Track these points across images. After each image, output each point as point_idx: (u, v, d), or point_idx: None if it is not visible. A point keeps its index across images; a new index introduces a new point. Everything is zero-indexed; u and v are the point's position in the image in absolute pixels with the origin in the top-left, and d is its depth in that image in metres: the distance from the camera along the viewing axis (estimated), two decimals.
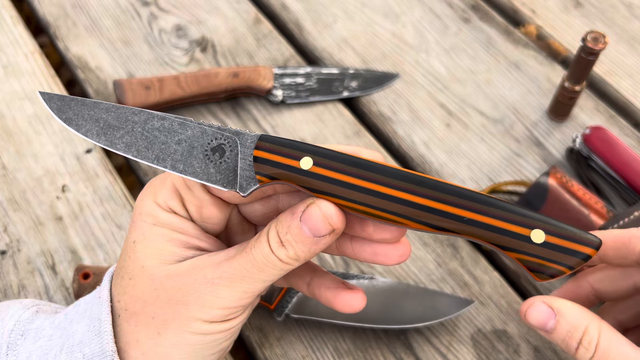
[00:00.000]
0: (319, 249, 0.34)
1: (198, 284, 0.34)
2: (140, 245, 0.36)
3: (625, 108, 0.68)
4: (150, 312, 0.35)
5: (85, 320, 0.37)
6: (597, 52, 0.56)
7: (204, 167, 0.34)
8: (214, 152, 0.34)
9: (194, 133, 0.35)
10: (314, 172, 0.33)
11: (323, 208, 0.33)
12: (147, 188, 0.37)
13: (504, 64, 0.70)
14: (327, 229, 0.33)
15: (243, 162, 0.34)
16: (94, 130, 0.35)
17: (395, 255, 0.36)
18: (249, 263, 0.34)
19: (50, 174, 0.60)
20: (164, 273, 0.35)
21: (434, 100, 0.67)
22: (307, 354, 0.51)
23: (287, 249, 0.33)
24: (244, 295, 0.35)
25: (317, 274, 0.40)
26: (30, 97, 0.65)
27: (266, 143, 0.34)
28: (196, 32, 0.72)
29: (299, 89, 0.67)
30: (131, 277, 0.36)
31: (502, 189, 0.60)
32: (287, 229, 0.33)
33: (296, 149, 0.33)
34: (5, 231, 0.56)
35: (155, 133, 0.35)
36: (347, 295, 0.38)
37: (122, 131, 0.35)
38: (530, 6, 0.76)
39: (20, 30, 0.71)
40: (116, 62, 0.69)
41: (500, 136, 0.65)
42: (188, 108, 0.66)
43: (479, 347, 0.51)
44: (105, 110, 0.35)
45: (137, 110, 0.35)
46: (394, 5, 0.75)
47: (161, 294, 0.35)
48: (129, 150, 0.35)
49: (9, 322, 0.39)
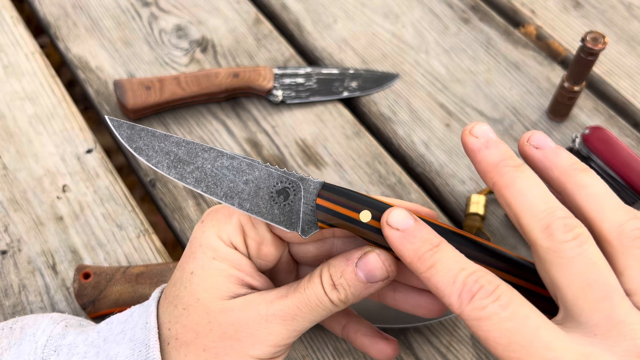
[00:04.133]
0: (369, 292, 0.35)
1: (251, 321, 0.35)
2: (197, 278, 0.36)
3: (625, 108, 0.68)
4: (201, 344, 0.35)
5: (126, 342, 0.37)
6: (597, 52, 0.57)
7: (269, 208, 0.36)
8: (279, 195, 0.36)
9: (261, 175, 0.36)
10: (372, 225, 0.34)
11: (382, 257, 0.35)
12: (210, 221, 0.37)
13: (504, 64, 0.70)
14: (383, 275, 0.35)
15: (306, 207, 0.36)
16: (165, 162, 0.36)
17: (438, 309, 0.38)
18: (302, 302, 0.35)
19: (50, 174, 0.60)
20: (219, 307, 0.36)
21: (433, 100, 0.67)
22: (307, 353, 0.51)
23: (339, 291, 0.35)
24: (293, 334, 0.36)
25: (353, 318, 0.41)
26: (30, 97, 0.65)
27: (329, 193, 0.36)
28: (196, 33, 0.72)
29: (299, 89, 0.67)
30: (185, 307, 0.36)
31: None
32: (341, 273, 0.35)
33: (357, 202, 0.35)
34: (6, 231, 0.56)
35: (224, 171, 0.36)
36: (383, 345, 0.40)
37: (192, 166, 0.36)
38: (530, 6, 0.76)
39: (20, 30, 0.71)
40: (116, 62, 0.69)
41: (500, 136, 0.65)
42: (188, 108, 0.66)
43: (479, 346, 0.52)
44: (175, 144, 0.36)
45: (207, 147, 0.37)
46: (393, 6, 0.75)
47: (215, 328, 0.35)
48: (198, 186, 0.36)
49: (41, 337, 0.39)
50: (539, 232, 0.30)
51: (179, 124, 0.64)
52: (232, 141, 0.64)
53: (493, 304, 0.29)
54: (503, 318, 0.29)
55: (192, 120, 0.65)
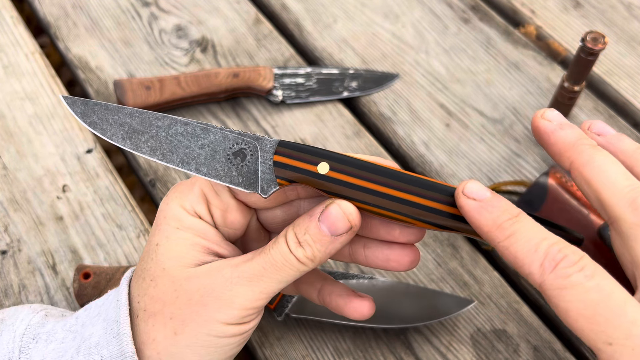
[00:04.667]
0: (335, 248, 0.35)
1: (217, 285, 0.35)
2: (162, 248, 0.36)
3: (625, 108, 0.68)
4: (168, 312, 0.36)
5: (100, 322, 0.37)
6: (597, 52, 0.57)
7: (227, 171, 0.36)
8: (235, 156, 0.36)
9: (216, 138, 0.36)
10: (331, 176, 0.35)
11: (342, 206, 0.34)
12: (173, 192, 0.38)
13: (504, 64, 0.70)
14: (346, 226, 0.35)
15: (263, 166, 0.35)
16: (119, 134, 0.36)
17: (407, 261, 0.38)
18: (268, 263, 0.35)
19: (50, 174, 0.60)
20: (184, 275, 0.36)
21: (433, 100, 0.67)
22: (307, 353, 0.51)
23: (304, 248, 0.35)
24: (261, 296, 0.35)
25: (328, 282, 0.41)
26: (30, 97, 0.65)
27: (285, 149, 0.36)
28: (196, 33, 0.72)
29: (299, 89, 0.67)
30: (152, 278, 0.36)
31: (501, 189, 0.60)
32: (305, 230, 0.35)
33: (313, 155, 0.35)
34: (6, 231, 0.56)
35: (179, 138, 0.36)
36: (357, 302, 0.39)
37: (147, 135, 0.36)
38: (530, 6, 0.76)
39: (20, 30, 0.71)
40: (116, 62, 0.69)
41: (500, 136, 0.65)
42: (188, 108, 0.66)
43: (479, 346, 0.52)
44: (129, 115, 0.37)
45: (160, 115, 0.37)
46: (393, 6, 0.75)
47: (181, 295, 0.35)
48: (154, 154, 0.36)
49: (19, 326, 0.39)
50: (624, 207, 0.30)
51: None
52: None
53: (578, 273, 0.28)
54: (588, 289, 0.28)
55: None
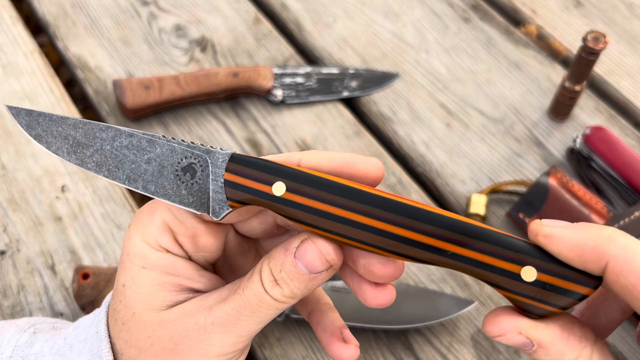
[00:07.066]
0: (317, 284, 0.31)
1: (190, 332, 0.32)
2: (129, 290, 0.33)
3: (626, 108, 0.68)
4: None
5: (86, 353, 0.36)
6: (598, 51, 0.56)
7: (176, 189, 0.32)
8: (184, 172, 0.32)
9: (163, 151, 0.32)
10: (287, 198, 0.30)
11: (318, 245, 0.30)
12: (134, 224, 0.34)
13: (504, 63, 0.70)
14: (324, 265, 0.31)
15: (215, 184, 0.31)
16: (64, 148, 0.33)
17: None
18: (242, 305, 0.31)
19: (49, 174, 0.60)
20: (156, 320, 0.33)
21: (434, 100, 0.67)
22: (307, 354, 0.51)
23: (282, 287, 0.31)
24: (239, 340, 0.33)
25: (320, 307, 0.37)
26: (29, 97, 0.65)
27: (236, 165, 0.31)
28: (196, 32, 0.72)
29: (299, 89, 0.66)
30: (124, 322, 0.34)
31: (502, 188, 0.60)
32: (280, 266, 0.31)
33: (268, 173, 0.30)
34: (5, 231, 0.56)
35: (124, 151, 0.33)
36: (338, 348, 0.35)
37: (92, 149, 0.33)
38: (531, 6, 0.76)
39: (19, 29, 0.71)
40: (116, 61, 0.69)
41: (501, 136, 0.65)
42: (188, 108, 0.65)
43: (479, 347, 0.51)
44: (73, 126, 0.33)
45: (104, 126, 0.33)
46: (394, 5, 0.75)
47: (155, 342, 0.33)
48: (100, 170, 0.33)
49: (6, 348, 0.38)
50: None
51: (179, 123, 0.64)
52: (231, 141, 0.63)
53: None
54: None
55: (191, 120, 0.65)
